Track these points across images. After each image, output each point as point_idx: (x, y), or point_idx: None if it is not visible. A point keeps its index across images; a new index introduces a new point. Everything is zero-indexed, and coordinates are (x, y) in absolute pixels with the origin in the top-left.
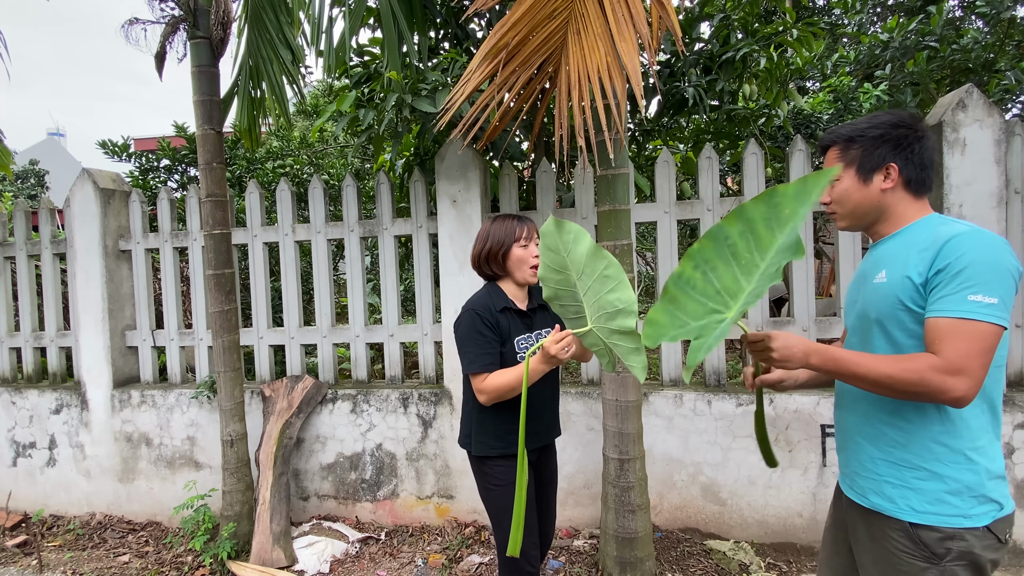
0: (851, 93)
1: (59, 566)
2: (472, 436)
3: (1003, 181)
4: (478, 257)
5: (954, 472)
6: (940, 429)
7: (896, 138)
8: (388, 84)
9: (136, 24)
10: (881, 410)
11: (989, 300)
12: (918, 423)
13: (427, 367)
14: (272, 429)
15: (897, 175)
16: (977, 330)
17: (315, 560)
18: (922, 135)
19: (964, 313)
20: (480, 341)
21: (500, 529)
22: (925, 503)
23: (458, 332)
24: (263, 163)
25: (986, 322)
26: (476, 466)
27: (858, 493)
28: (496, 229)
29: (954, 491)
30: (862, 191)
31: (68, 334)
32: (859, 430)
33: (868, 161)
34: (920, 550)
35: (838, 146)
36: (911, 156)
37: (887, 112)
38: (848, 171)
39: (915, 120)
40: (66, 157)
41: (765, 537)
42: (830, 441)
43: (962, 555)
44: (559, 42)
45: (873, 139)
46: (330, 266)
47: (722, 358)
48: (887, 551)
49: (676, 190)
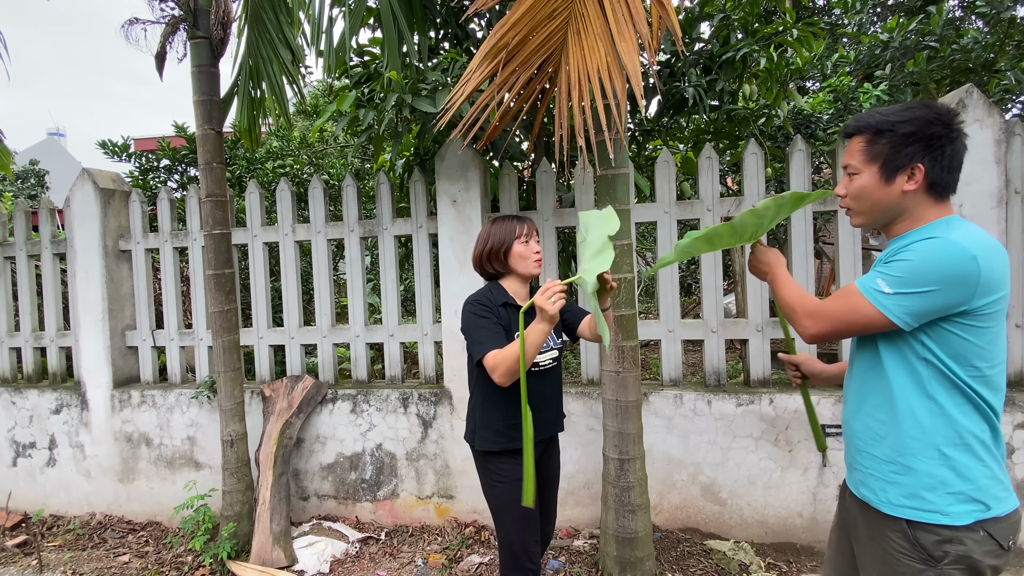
0: (851, 93)
1: (59, 566)
2: (476, 431)
3: (1003, 181)
4: (480, 257)
5: (927, 467)
6: (913, 424)
7: (929, 137)
8: (388, 84)
9: (136, 24)
10: (867, 403)
11: (886, 289)
12: (897, 417)
13: (427, 367)
14: (272, 429)
15: (922, 177)
16: (856, 301)
17: (315, 560)
18: (956, 135)
19: (860, 285)
20: (484, 325)
21: (502, 526)
22: (902, 497)
23: (463, 325)
24: (263, 163)
25: (866, 300)
26: (480, 462)
27: (853, 484)
28: (496, 229)
29: (928, 487)
30: (882, 190)
31: (68, 334)
32: (850, 423)
33: (894, 159)
34: (917, 552)
35: (864, 136)
36: (941, 158)
37: (922, 104)
38: (871, 167)
39: (952, 117)
40: (66, 157)
41: (765, 537)
42: (830, 441)
43: (960, 559)
44: (559, 42)
45: (904, 136)
46: (330, 266)
47: (722, 358)
48: (885, 551)
49: (676, 190)
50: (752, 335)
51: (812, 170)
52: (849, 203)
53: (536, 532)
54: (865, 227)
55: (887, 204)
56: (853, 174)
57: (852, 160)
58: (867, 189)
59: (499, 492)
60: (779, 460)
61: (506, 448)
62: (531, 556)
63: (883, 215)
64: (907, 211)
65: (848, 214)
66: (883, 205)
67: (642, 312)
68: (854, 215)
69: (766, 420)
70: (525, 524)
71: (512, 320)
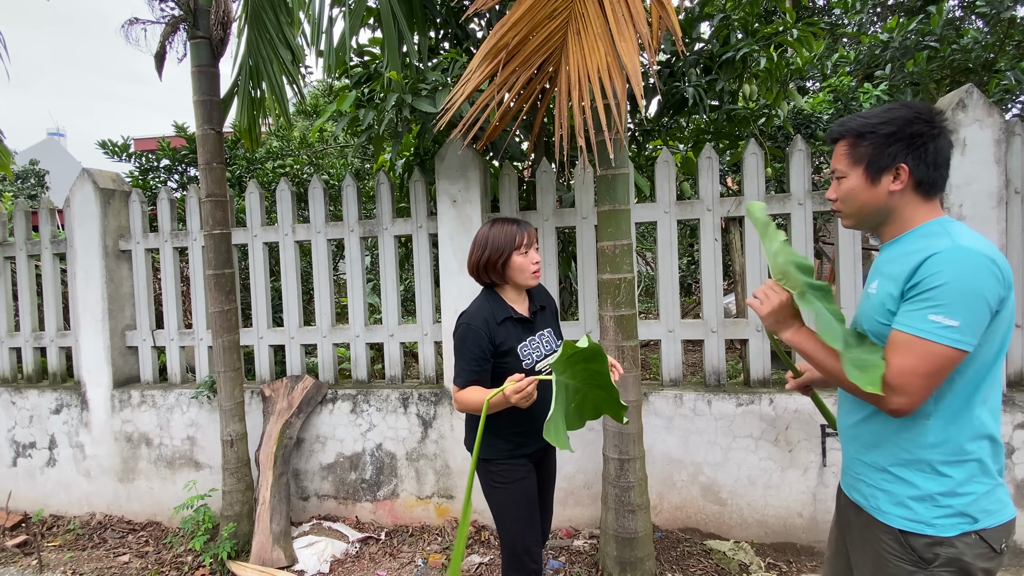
0: (851, 93)
1: (59, 566)
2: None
3: (1003, 181)
4: (476, 265)
5: (917, 480)
6: (907, 436)
7: (910, 136)
8: (388, 84)
9: (136, 24)
10: (859, 411)
11: (949, 322)
12: (889, 427)
13: (427, 367)
14: (272, 429)
15: (907, 176)
16: (927, 349)
17: (315, 560)
18: (939, 132)
19: (919, 331)
20: (469, 357)
21: (504, 527)
22: (891, 504)
23: (454, 340)
24: (263, 163)
25: (939, 343)
26: (480, 466)
27: (846, 486)
28: (495, 235)
29: (916, 497)
30: (868, 191)
31: (68, 334)
32: (844, 429)
33: (877, 160)
34: (908, 554)
35: (847, 140)
36: (924, 156)
37: (903, 105)
38: (856, 170)
39: (933, 114)
40: (66, 157)
41: (765, 537)
42: (830, 441)
43: (951, 561)
44: (559, 42)
45: (885, 136)
46: (330, 266)
47: (722, 358)
48: (877, 553)
49: (676, 190)
50: (752, 335)
51: (812, 170)
52: (839, 206)
53: (537, 532)
54: (855, 228)
55: (875, 205)
56: (840, 178)
57: (838, 164)
58: (854, 191)
59: (500, 494)
60: (779, 460)
61: (512, 455)
62: (533, 556)
63: (872, 217)
64: (896, 212)
65: (838, 216)
66: (871, 207)
67: (642, 312)
68: (844, 217)
69: (766, 420)
70: (526, 525)
71: (511, 335)
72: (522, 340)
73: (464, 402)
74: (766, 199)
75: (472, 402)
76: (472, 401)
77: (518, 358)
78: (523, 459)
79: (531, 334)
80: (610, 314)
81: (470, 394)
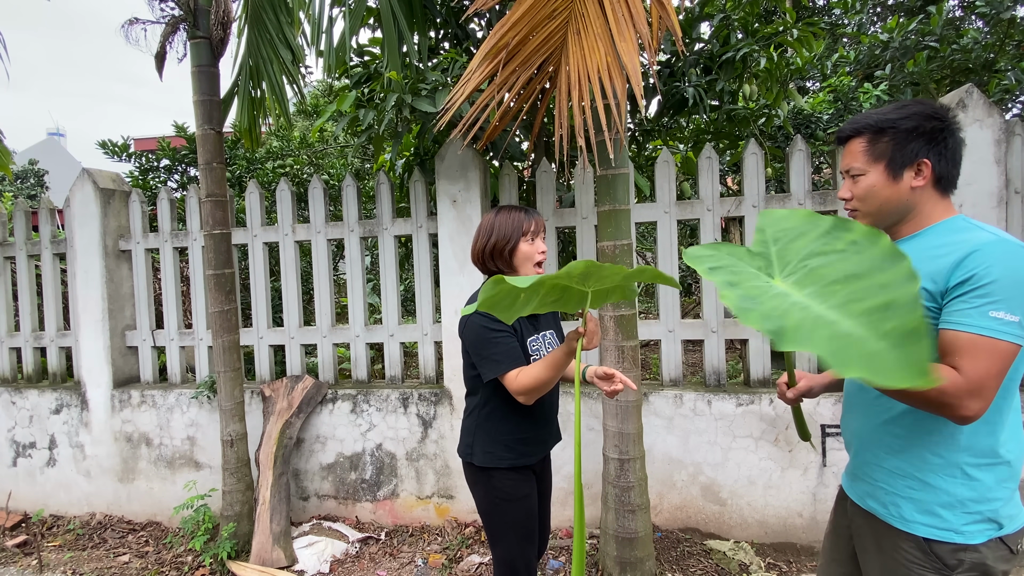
0: (851, 93)
1: (59, 566)
2: (475, 446)
3: (1003, 181)
4: (482, 252)
5: (948, 485)
6: (938, 440)
7: (930, 131)
8: (388, 84)
9: (136, 24)
10: (880, 415)
11: (1011, 318)
12: (916, 431)
13: (427, 367)
14: (272, 429)
15: (930, 172)
16: (996, 348)
17: (315, 560)
18: (955, 128)
19: (984, 330)
20: (499, 340)
21: (504, 544)
22: (915, 512)
23: (471, 339)
24: (263, 163)
25: (1005, 340)
26: (479, 478)
27: (857, 495)
28: (502, 221)
29: (946, 504)
30: (890, 188)
31: (68, 334)
32: (859, 434)
33: (900, 156)
34: (932, 562)
35: (864, 137)
36: (944, 151)
37: (916, 101)
38: (876, 166)
39: (946, 111)
40: (66, 157)
41: (765, 537)
42: (830, 441)
43: (974, 567)
44: (559, 42)
45: (906, 132)
46: (330, 266)
47: (722, 358)
48: (897, 562)
49: (676, 190)
50: (752, 335)
51: (812, 170)
52: (856, 205)
53: (535, 544)
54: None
55: (896, 202)
56: (857, 175)
57: (855, 162)
58: (875, 188)
59: (504, 511)
60: (779, 460)
61: (515, 464)
62: (532, 570)
63: (892, 214)
64: (916, 208)
65: (854, 216)
66: (892, 203)
67: (642, 312)
68: (861, 216)
69: (766, 420)
70: (528, 541)
71: (521, 326)
72: (530, 334)
73: (531, 381)
74: (766, 199)
75: (539, 374)
76: (538, 373)
77: (527, 351)
78: (527, 471)
79: (536, 331)
80: (610, 314)
81: (531, 370)
